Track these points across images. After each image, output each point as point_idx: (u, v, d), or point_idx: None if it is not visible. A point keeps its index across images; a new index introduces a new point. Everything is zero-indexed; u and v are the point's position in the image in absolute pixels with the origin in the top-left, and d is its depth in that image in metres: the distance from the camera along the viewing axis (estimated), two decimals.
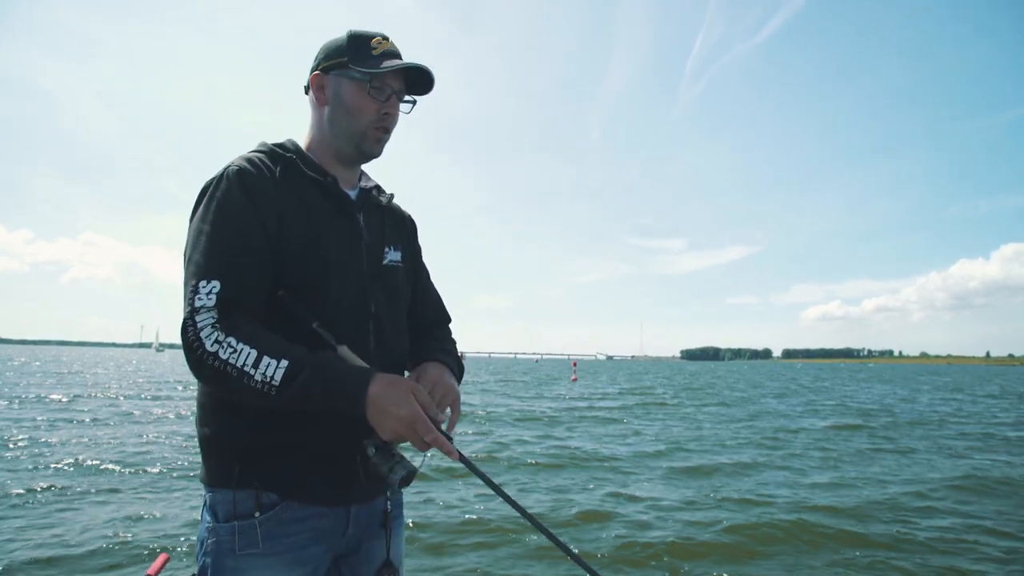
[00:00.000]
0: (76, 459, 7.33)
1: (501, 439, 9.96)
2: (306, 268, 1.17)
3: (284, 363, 1.03)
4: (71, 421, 11.01)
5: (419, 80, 1.28)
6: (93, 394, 17.26)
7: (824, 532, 4.99)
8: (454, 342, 1.50)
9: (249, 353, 1.03)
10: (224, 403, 1.16)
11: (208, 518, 1.17)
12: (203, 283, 1.07)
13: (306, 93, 1.32)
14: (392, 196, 1.43)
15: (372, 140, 1.27)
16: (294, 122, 1.47)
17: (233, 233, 1.12)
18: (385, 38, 1.27)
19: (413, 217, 1.52)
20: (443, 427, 1.14)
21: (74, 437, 9.15)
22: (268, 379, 1.02)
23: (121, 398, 16.22)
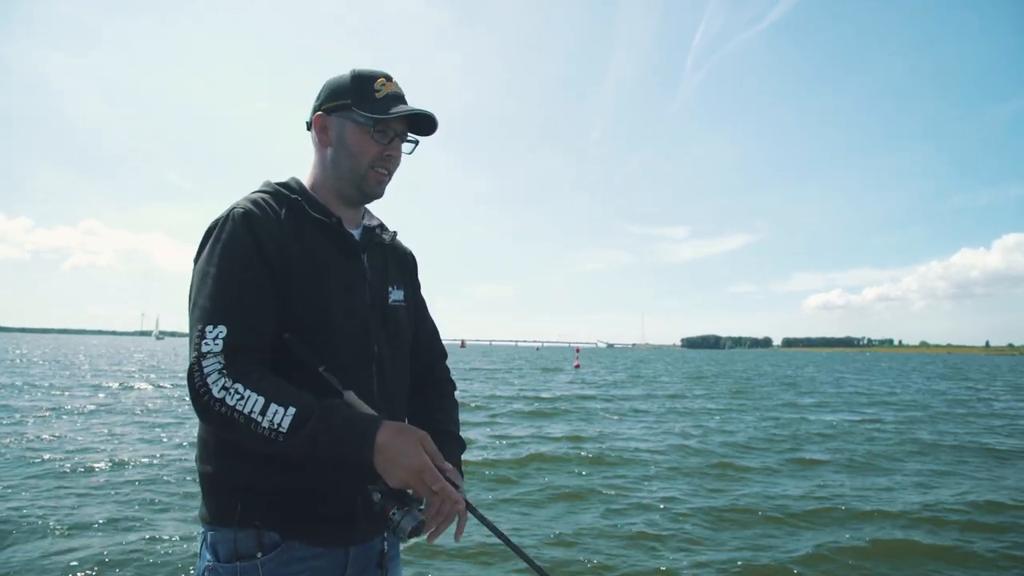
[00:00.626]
0: (69, 456, 6.97)
1: (511, 434, 9.61)
2: (311, 310, 1.18)
3: (292, 410, 1.03)
4: (66, 411, 10.68)
5: (422, 121, 1.29)
6: (93, 382, 16.93)
7: (911, 547, 4.61)
8: (453, 386, 1.53)
9: (256, 400, 1.03)
10: (227, 441, 1.14)
11: (208, 556, 1.16)
12: (210, 328, 1.07)
13: (308, 130, 1.31)
14: (395, 234, 1.44)
15: (373, 182, 1.28)
16: (291, 118, 1.41)
17: (239, 276, 1.12)
18: (389, 79, 1.28)
19: (414, 252, 1.53)
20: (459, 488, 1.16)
21: (69, 431, 8.79)
22: (275, 426, 1.03)
23: (116, 386, 15.88)
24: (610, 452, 7.92)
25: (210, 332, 1.06)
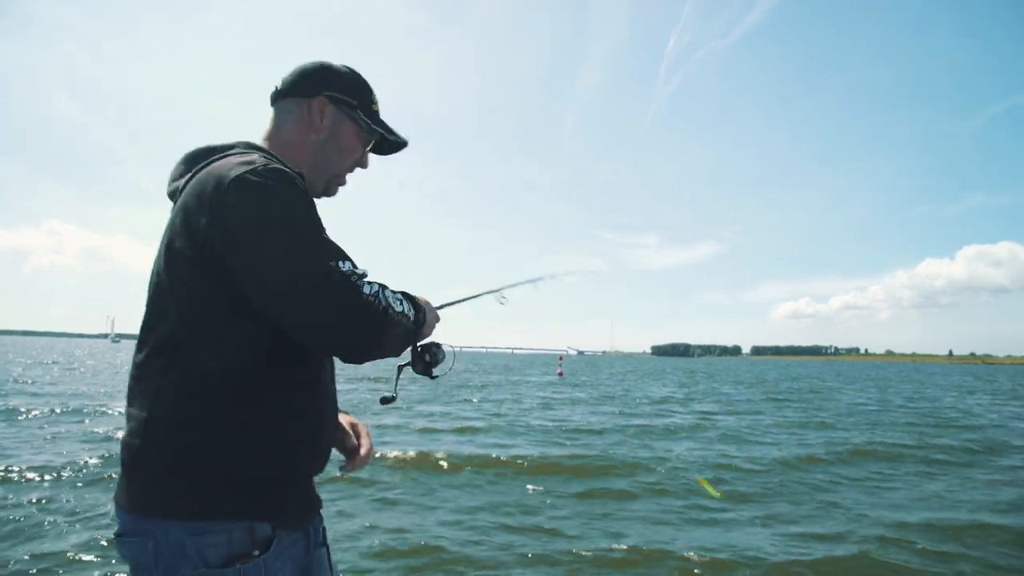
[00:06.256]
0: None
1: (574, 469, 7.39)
2: None
3: (409, 302, 1.16)
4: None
5: (384, 145, 1.37)
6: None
7: None
8: None
9: (401, 300, 1.12)
10: (222, 422, 1.03)
11: (187, 564, 0.98)
12: (340, 262, 1.02)
13: (281, 97, 1.26)
14: None
15: (337, 185, 1.31)
16: (263, 119, 1.28)
17: (322, 230, 1.09)
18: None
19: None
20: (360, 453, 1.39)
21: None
22: (411, 317, 1.13)
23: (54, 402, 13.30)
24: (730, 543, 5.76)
25: (342, 264, 1.02)
